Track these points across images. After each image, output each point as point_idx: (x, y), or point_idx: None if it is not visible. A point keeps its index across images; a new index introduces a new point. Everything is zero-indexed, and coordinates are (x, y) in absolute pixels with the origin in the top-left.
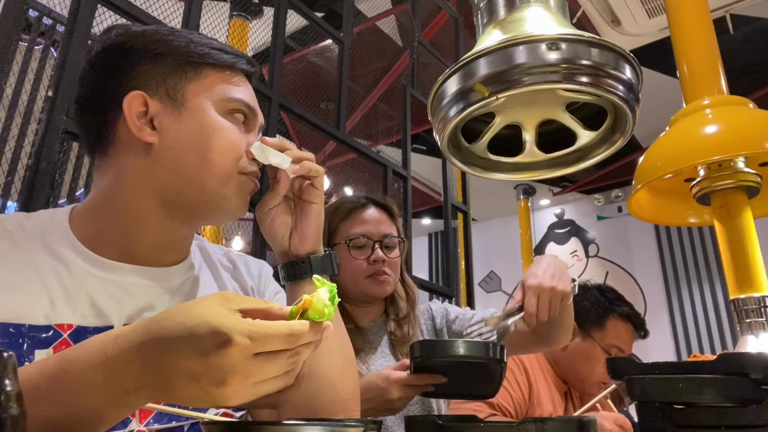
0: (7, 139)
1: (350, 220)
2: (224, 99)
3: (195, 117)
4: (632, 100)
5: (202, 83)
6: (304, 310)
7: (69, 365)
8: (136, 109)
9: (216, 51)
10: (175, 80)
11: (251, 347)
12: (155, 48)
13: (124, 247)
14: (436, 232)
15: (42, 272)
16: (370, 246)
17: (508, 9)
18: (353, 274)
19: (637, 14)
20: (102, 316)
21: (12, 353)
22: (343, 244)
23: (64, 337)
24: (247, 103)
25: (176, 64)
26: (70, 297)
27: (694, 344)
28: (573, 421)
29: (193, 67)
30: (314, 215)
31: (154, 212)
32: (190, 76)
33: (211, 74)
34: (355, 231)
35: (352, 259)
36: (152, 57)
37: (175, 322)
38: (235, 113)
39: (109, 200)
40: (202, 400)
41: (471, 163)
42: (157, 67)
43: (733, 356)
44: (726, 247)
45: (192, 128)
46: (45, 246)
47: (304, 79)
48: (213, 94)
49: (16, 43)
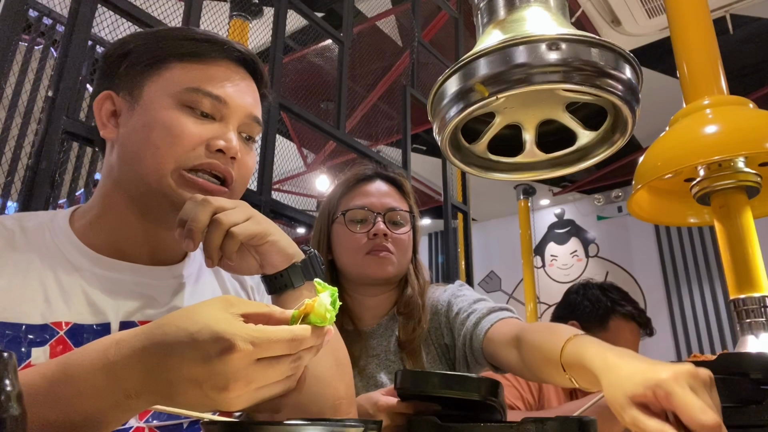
0: (7, 139)
1: (351, 193)
2: (182, 90)
3: (145, 111)
4: (632, 100)
5: (163, 77)
6: (306, 314)
7: (70, 369)
8: (106, 108)
9: (186, 42)
10: (137, 77)
11: (254, 353)
12: (123, 49)
13: (116, 244)
14: (436, 232)
15: (40, 271)
16: (371, 219)
17: (508, 9)
18: (351, 250)
19: (637, 14)
20: (99, 313)
21: (12, 353)
22: (341, 218)
23: (61, 335)
24: (210, 92)
25: (139, 62)
26: (67, 295)
27: (694, 344)
28: (573, 421)
29: (155, 62)
30: (274, 248)
31: (129, 209)
32: (152, 72)
33: (175, 66)
34: (354, 203)
35: (349, 233)
36: (122, 58)
37: (178, 328)
38: (194, 105)
39: (98, 198)
40: (204, 405)
41: (471, 163)
42: (126, 68)
43: (733, 356)
44: (726, 247)
45: (139, 123)
46: (45, 244)
47: (304, 79)
48: (173, 86)
49: (16, 43)
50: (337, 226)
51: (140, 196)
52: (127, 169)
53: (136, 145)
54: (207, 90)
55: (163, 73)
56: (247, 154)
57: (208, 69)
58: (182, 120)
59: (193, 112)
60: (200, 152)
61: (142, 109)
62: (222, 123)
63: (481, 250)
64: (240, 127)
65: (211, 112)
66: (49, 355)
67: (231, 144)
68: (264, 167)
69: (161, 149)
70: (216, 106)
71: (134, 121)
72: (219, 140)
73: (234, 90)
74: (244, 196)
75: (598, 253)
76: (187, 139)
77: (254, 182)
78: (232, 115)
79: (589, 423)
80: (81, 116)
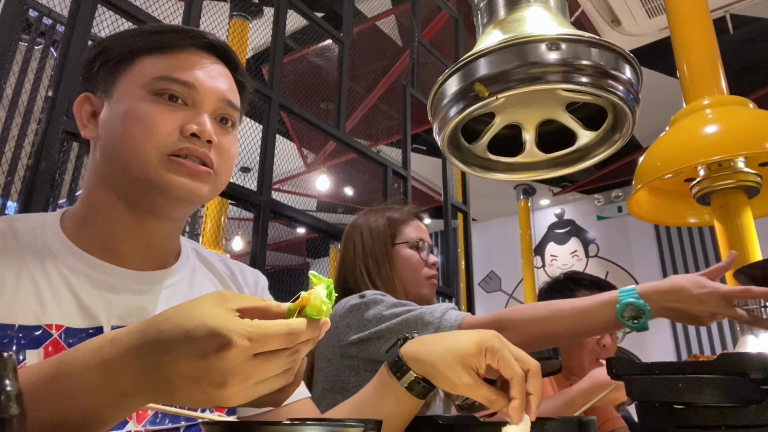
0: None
1: (409, 225)
2: (151, 80)
3: (118, 105)
4: (632, 100)
5: (134, 71)
6: (302, 307)
7: (66, 368)
8: (85, 110)
9: (154, 35)
10: (110, 75)
11: (251, 348)
12: (97, 50)
13: (107, 244)
14: (436, 232)
15: (32, 273)
16: (426, 249)
17: (508, 9)
18: (414, 271)
19: (637, 14)
20: (91, 317)
21: (12, 353)
22: (408, 246)
23: (54, 337)
24: (177, 78)
25: (111, 60)
26: (60, 297)
27: (694, 344)
28: (573, 421)
29: (125, 59)
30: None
31: (116, 206)
32: (124, 67)
33: (145, 60)
34: (416, 235)
35: (417, 258)
36: (95, 59)
37: (173, 325)
38: (164, 92)
39: (85, 198)
40: (202, 402)
41: (471, 163)
42: (99, 67)
43: (733, 356)
44: (726, 247)
45: (114, 117)
46: (36, 246)
47: (304, 79)
48: (143, 79)
49: (16, 43)
50: (399, 249)
51: (126, 189)
52: (110, 164)
53: (115, 139)
54: (175, 77)
55: (134, 67)
56: (224, 137)
57: (177, 58)
58: (153, 108)
59: (162, 98)
60: (175, 137)
61: (116, 103)
62: (194, 109)
63: (481, 250)
64: (214, 112)
65: (182, 97)
66: (43, 358)
67: (204, 128)
68: (264, 167)
69: (138, 139)
70: (186, 92)
71: (110, 116)
72: (191, 124)
73: (203, 75)
74: (245, 197)
75: (598, 253)
76: (160, 125)
77: (254, 182)
78: (205, 100)
79: (589, 423)
80: None
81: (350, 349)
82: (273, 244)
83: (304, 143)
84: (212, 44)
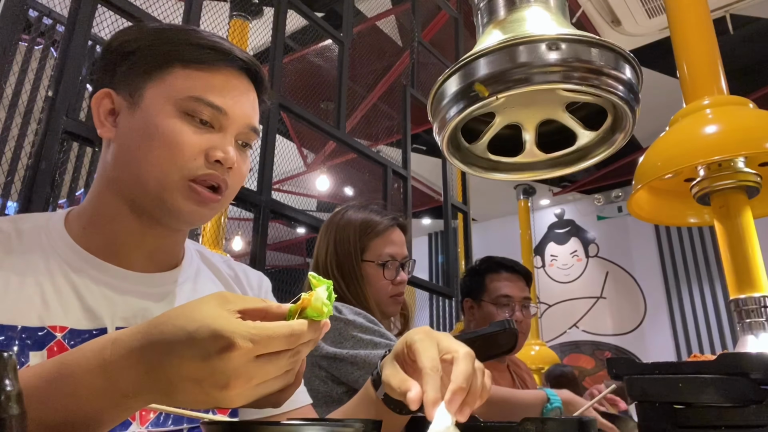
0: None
1: (381, 239)
2: (184, 98)
3: (144, 116)
4: (632, 100)
5: (165, 82)
6: (303, 308)
7: (67, 369)
8: (104, 106)
9: (191, 48)
10: (138, 79)
11: (254, 350)
12: (126, 47)
13: (112, 246)
14: (436, 232)
15: (36, 274)
16: (394, 267)
17: (508, 9)
18: (378, 291)
19: (637, 14)
20: (95, 318)
21: (12, 353)
22: (375, 264)
23: (58, 339)
24: (211, 102)
25: (141, 63)
26: (64, 299)
27: (694, 344)
28: (573, 421)
29: (157, 65)
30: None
31: (123, 212)
32: (154, 75)
33: (178, 72)
34: (387, 251)
35: (382, 278)
36: (124, 56)
37: (175, 327)
38: (195, 113)
39: (92, 198)
40: (204, 403)
41: (471, 163)
42: (127, 67)
43: (733, 356)
44: (726, 247)
45: (139, 127)
46: (41, 247)
47: (304, 79)
48: (175, 93)
49: (16, 43)
50: (367, 267)
51: (134, 198)
52: (124, 171)
53: (134, 149)
54: (208, 100)
55: (166, 78)
56: (243, 163)
57: (211, 77)
58: (183, 129)
59: (193, 120)
60: (200, 162)
61: (142, 113)
62: (221, 133)
63: (481, 250)
64: (238, 137)
65: (210, 120)
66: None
67: (229, 155)
68: (264, 167)
69: (163, 158)
70: (216, 116)
71: (133, 123)
72: (217, 151)
73: (235, 100)
74: (245, 197)
75: (598, 253)
76: (187, 148)
77: (254, 182)
78: (231, 125)
79: (589, 423)
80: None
81: (322, 362)
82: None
83: (304, 143)
84: (246, 66)
